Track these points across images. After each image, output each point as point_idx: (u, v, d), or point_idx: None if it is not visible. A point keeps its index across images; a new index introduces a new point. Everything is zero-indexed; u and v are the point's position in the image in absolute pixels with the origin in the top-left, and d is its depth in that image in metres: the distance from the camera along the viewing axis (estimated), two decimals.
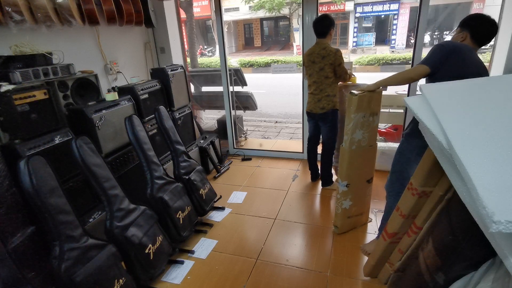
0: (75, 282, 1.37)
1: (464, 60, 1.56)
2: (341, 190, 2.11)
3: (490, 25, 1.59)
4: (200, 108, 4.62)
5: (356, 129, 1.92)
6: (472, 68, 1.57)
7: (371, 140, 2.04)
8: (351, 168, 2.04)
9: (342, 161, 2.03)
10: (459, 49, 1.58)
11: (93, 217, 1.95)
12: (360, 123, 1.92)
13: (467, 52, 1.58)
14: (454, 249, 0.97)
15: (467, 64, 1.57)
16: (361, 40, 15.50)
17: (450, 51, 1.57)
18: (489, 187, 0.65)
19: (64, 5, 2.08)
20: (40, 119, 1.73)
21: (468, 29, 1.64)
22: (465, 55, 1.57)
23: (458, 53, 1.58)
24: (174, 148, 2.37)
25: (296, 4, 15.03)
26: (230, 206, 2.69)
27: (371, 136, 2.02)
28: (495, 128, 0.83)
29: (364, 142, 2.01)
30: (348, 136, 1.93)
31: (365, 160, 2.10)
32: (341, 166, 2.06)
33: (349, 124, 1.91)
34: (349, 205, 2.15)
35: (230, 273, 1.93)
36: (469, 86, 1.10)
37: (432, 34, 14.11)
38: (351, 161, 2.01)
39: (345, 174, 2.05)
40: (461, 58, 1.57)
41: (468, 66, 1.57)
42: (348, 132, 1.92)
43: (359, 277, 1.83)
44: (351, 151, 1.98)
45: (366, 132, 1.98)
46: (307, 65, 2.59)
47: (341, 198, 2.13)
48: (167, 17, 3.36)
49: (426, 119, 0.97)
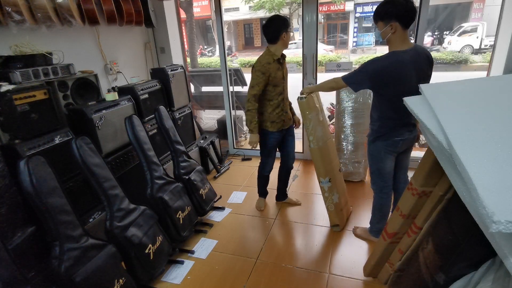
0: (75, 282, 1.37)
1: (399, 75, 1.59)
2: (326, 187, 2.16)
3: (406, 1, 1.54)
4: (200, 108, 4.62)
5: (316, 127, 2.09)
6: (411, 78, 1.59)
7: (327, 134, 2.27)
8: (326, 163, 2.16)
9: (316, 160, 2.13)
10: (384, 71, 1.60)
11: (93, 217, 1.95)
12: (316, 121, 2.11)
13: (396, 66, 1.58)
14: (454, 249, 0.97)
15: (404, 76, 1.59)
16: (361, 40, 15.49)
17: (372, 74, 1.62)
18: (489, 187, 0.65)
19: (64, 5, 2.08)
20: (40, 119, 1.73)
21: (391, 17, 1.58)
22: (396, 71, 1.58)
23: (384, 75, 1.60)
24: (174, 148, 2.37)
25: (296, 4, 15.04)
26: (230, 206, 2.69)
27: (326, 130, 2.25)
28: (495, 128, 0.83)
29: (324, 137, 2.20)
30: (313, 136, 2.07)
31: (331, 152, 2.30)
32: (317, 165, 2.14)
33: (309, 125, 2.06)
34: (337, 198, 2.23)
35: (230, 273, 1.93)
36: (469, 86, 1.10)
37: (432, 34, 14.10)
38: (323, 157, 2.14)
39: (324, 171, 2.14)
40: (392, 76, 1.59)
41: (406, 78, 1.59)
42: (312, 132, 2.06)
43: (359, 277, 1.83)
44: (320, 148, 2.11)
45: (323, 127, 2.20)
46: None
47: (330, 195, 2.19)
48: (167, 17, 3.36)
49: (426, 119, 0.96)
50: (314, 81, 3.12)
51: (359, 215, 2.45)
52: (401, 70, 1.58)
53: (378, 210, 2.00)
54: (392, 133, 1.74)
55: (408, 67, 1.58)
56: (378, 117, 1.77)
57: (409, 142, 1.79)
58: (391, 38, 1.63)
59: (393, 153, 1.81)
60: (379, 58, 1.64)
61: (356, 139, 2.87)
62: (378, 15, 1.62)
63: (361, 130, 2.84)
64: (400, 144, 1.76)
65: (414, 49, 1.61)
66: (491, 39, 9.58)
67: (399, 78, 1.60)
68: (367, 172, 2.95)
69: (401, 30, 1.59)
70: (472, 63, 9.93)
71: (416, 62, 1.59)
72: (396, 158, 1.87)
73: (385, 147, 1.79)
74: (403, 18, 1.56)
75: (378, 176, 1.90)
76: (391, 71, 1.59)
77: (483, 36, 11.32)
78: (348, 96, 2.79)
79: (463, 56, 10.30)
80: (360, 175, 2.95)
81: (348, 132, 2.87)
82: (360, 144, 2.87)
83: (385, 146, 1.78)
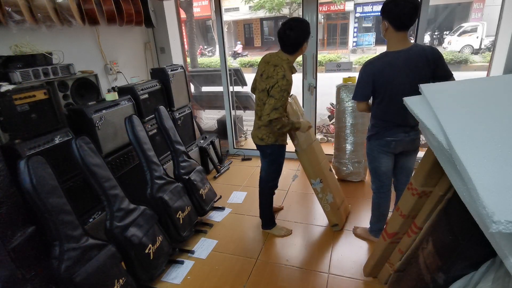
0: (75, 282, 1.37)
1: (388, 77, 1.60)
2: (319, 188, 2.19)
3: (404, 1, 1.49)
4: (200, 108, 4.62)
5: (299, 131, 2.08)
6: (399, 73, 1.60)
7: (311, 136, 2.29)
8: (313, 165, 2.18)
9: (304, 163, 2.16)
10: (378, 71, 1.60)
11: (93, 217, 1.95)
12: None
13: (386, 67, 1.59)
14: (454, 249, 0.97)
15: (392, 79, 1.60)
16: (361, 40, 15.50)
17: (372, 77, 1.62)
18: (489, 187, 0.65)
19: (64, 5, 2.08)
20: (40, 119, 1.73)
21: (385, 16, 1.58)
22: (385, 73, 1.59)
23: (378, 74, 1.61)
24: (174, 148, 2.37)
25: (296, 4, 15.03)
26: (230, 206, 2.69)
27: (308, 133, 2.22)
28: (495, 128, 0.83)
29: (308, 139, 2.21)
30: (297, 140, 2.10)
31: (319, 153, 2.33)
32: (306, 168, 2.17)
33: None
34: (332, 197, 2.24)
35: (230, 273, 1.93)
36: (469, 86, 1.10)
37: (432, 34, 14.11)
38: (310, 158, 2.17)
39: (313, 172, 2.17)
40: (382, 78, 1.60)
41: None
42: (295, 136, 2.09)
43: (359, 277, 1.83)
44: (306, 150, 2.14)
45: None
46: (257, 76, 1.95)
47: (323, 196, 2.21)
48: (167, 17, 3.36)
49: (426, 119, 0.96)
50: (314, 81, 3.12)
51: (359, 215, 2.45)
52: (390, 72, 1.58)
53: (376, 209, 2.01)
54: (385, 132, 1.74)
55: (398, 69, 1.57)
56: (372, 116, 1.80)
57: (405, 144, 1.75)
58: (386, 37, 1.63)
59: (387, 153, 1.80)
60: (371, 61, 1.65)
61: (356, 139, 2.87)
62: (380, 10, 1.62)
63: (361, 130, 2.84)
64: (393, 145, 1.75)
65: (409, 50, 1.56)
66: (491, 39, 9.59)
67: (387, 81, 1.60)
68: (367, 172, 2.95)
69: (393, 31, 1.57)
70: (472, 63, 9.93)
71: (410, 63, 1.56)
72: (395, 159, 1.86)
73: (378, 147, 1.80)
74: (393, 21, 1.55)
75: (375, 175, 1.92)
76: (382, 72, 1.60)
77: (483, 36, 11.33)
78: (348, 96, 2.79)
79: (463, 56, 10.31)
80: (360, 175, 2.95)
81: (348, 132, 2.87)
82: (360, 144, 2.87)
83: (378, 145, 1.80)
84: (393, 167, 1.90)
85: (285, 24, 1.75)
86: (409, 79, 1.57)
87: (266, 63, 1.86)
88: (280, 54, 1.83)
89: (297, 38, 1.74)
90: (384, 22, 1.58)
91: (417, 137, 1.78)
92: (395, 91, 1.60)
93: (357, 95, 1.73)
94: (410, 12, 1.50)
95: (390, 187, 1.94)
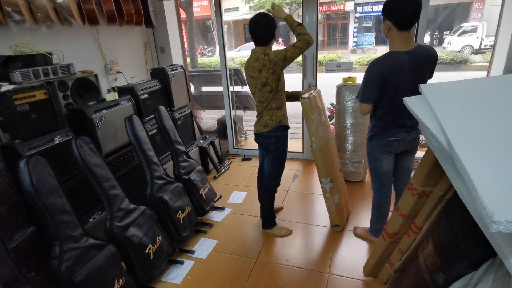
0: (75, 282, 1.37)
1: (392, 78, 1.57)
2: (328, 188, 2.16)
3: (407, 0, 1.48)
4: (200, 108, 4.62)
5: (318, 128, 2.08)
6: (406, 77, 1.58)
7: (329, 134, 2.27)
8: (327, 164, 2.15)
9: (318, 161, 2.12)
10: (385, 71, 1.57)
11: (93, 217, 1.95)
12: (318, 121, 2.09)
13: (391, 68, 1.56)
14: (454, 249, 0.97)
15: (396, 79, 1.58)
16: (361, 40, 15.50)
17: (380, 78, 1.58)
18: (489, 187, 0.65)
19: (64, 5, 2.08)
20: (40, 119, 1.73)
21: (387, 16, 1.56)
22: (390, 73, 1.57)
23: (385, 75, 1.58)
24: (174, 148, 2.37)
25: (296, 4, 15.02)
26: (230, 206, 2.69)
27: (327, 130, 2.25)
28: (495, 128, 0.83)
29: (326, 137, 2.19)
30: (315, 136, 2.05)
31: (333, 152, 2.30)
32: (319, 166, 2.13)
33: (312, 125, 2.04)
34: (338, 198, 2.23)
35: (230, 273, 1.93)
36: (469, 86, 1.10)
37: (432, 34, 14.11)
38: (325, 157, 2.13)
39: (325, 171, 2.14)
40: (386, 79, 1.58)
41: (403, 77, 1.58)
42: (314, 132, 2.05)
43: (359, 277, 1.83)
44: (321, 148, 2.10)
45: (324, 128, 2.20)
46: (248, 82, 2.01)
47: (331, 195, 2.18)
48: (167, 17, 3.36)
49: (426, 119, 0.96)
50: (314, 81, 3.12)
51: (359, 215, 2.45)
52: (398, 73, 1.57)
53: (376, 209, 2.00)
54: (386, 133, 1.74)
55: (402, 70, 1.56)
56: (372, 116, 1.79)
57: (406, 143, 1.76)
58: (389, 37, 1.61)
59: (388, 153, 1.80)
60: (377, 61, 1.62)
61: (356, 139, 2.87)
62: (382, 10, 1.60)
63: (361, 130, 2.84)
64: (395, 145, 1.75)
65: (414, 51, 1.56)
66: (491, 39, 9.58)
67: (394, 82, 1.59)
68: (367, 172, 2.95)
69: (396, 31, 1.56)
70: (472, 63, 9.93)
71: (414, 65, 1.56)
72: (396, 159, 1.87)
73: (379, 147, 1.80)
74: (395, 20, 1.53)
75: (376, 176, 1.91)
76: (390, 73, 1.58)
77: (483, 36, 11.33)
78: (348, 96, 2.79)
79: (463, 56, 10.31)
80: (360, 175, 2.95)
81: (348, 132, 2.87)
82: (360, 144, 2.87)
83: (379, 145, 1.79)
84: (393, 167, 1.90)
85: (252, 21, 1.85)
86: (412, 80, 1.57)
87: (248, 67, 1.93)
88: (255, 51, 1.89)
89: (268, 27, 1.83)
90: (386, 22, 1.57)
91: (418, 136, 1.79)
92: (399, 91, 1.59)
93: (364, 97, 1.67)
94: (412, 11, 1.49)
95: (390, 187, 1.95)
